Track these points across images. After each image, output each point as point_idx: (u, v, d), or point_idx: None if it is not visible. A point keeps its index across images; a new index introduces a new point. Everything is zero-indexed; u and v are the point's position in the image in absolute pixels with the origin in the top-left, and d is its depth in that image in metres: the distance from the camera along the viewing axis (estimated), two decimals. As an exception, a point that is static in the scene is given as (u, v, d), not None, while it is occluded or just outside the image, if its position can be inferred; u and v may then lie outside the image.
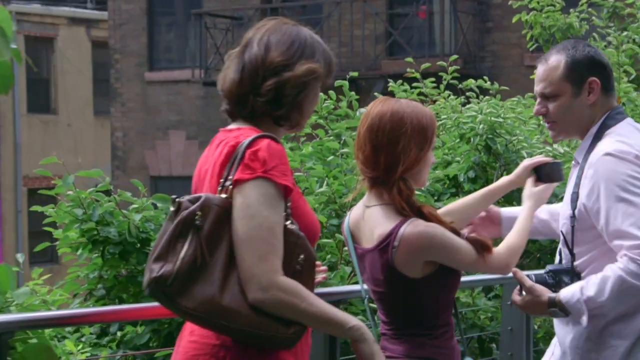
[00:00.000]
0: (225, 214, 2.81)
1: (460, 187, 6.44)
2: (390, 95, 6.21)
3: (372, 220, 3.23)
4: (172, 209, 2.81)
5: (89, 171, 5.31)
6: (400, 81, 7.33)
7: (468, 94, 7.32)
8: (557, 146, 6.43)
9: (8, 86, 3.05)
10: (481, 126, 6.28)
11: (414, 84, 7.54)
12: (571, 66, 3.39)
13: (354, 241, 3.32)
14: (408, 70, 7.75)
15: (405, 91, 7.28)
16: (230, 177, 2.84)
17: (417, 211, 3.18)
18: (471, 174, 6.34)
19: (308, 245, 2.88)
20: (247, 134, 2.89)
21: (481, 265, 3.24)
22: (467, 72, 12.75)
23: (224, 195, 2.83)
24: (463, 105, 7.13)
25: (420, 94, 7.57)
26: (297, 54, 2.96)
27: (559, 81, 3.40)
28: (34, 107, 25.82)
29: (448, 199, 6.25)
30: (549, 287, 3.35)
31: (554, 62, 3.42)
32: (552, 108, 3.42)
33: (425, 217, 3.18)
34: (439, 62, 7.63)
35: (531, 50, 9.00)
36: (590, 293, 3.22)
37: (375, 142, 3.20)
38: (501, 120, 6.27)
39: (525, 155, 6.17)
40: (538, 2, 8.43)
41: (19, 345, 3.77)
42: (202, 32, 18.34)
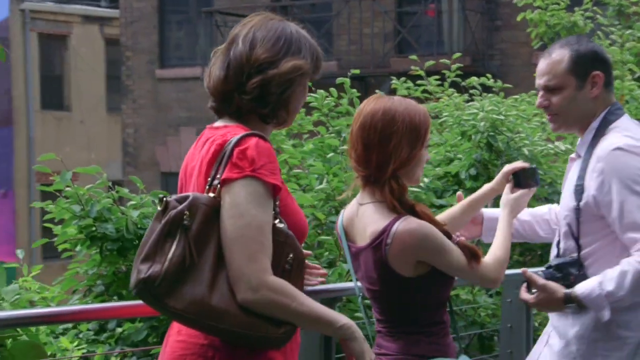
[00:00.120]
0: (213, 213, 2.75)
1: (462, 184, 6.37)
2: (392, 93, 6.17)
3: (365, 218, 3.19)
4: (159, 208, 2.75)
5: (86, 167, 5.24)
6: (404, 79, 7.27)
7: (472, 91, 7.26)
8: (559, 143, 6.37)
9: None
10: (482, 123, 6.22)
11: (418, 82, 7.49)
12: (576, 60, 3.43)
13: (347, 239, 3.28)
14: (412, 67, 7.70)
15: (408, 88, 7.23)
16: (218, 176, 2.78)
17: (410, 209, 3.14)
18: (472, 171, 6.28)
19: (297, 244, 2.83)
20: (234, 132, 2.83)
21: (469, 273, 3.18)
22: (475, 70, 12.71)
23: (212, 195, 2.77)
24: (467, 102, 7.06)
25: (425, 91, 7.52)
26: (283, 50, 2.89)
27: (563, 74, 3.42)
28: (48, 104, 25.88)
29: (450, 196, 6.20)
30: (557, 282, 3.36)
31: (558, 55, 3.44)
32: (556, 100, 3.44)
33: (418, 216, 3.13)
34: (442, 60, 7.55)
35: (536, 48, 8.92)
36: (609, 288, 3.25)
37: (367, 141, 3.15)
38: (502, 117, 6.20)
39: (527, 153, 6.14)
40: (543, 0, 8.36)
41: (9, 343, 3.73)
42: (212, 30, 18.31)
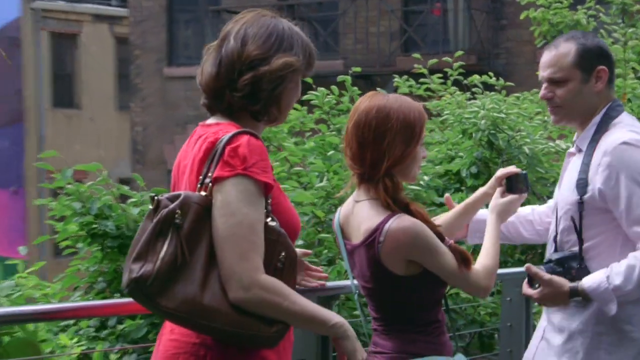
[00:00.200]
0: (205, 212, 2.71)
1: (463, 182, 6.33)
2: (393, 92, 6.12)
3: (360, 216, 3.15)
4: (150, 207, 2.71)
5: (87, 164, 5.21)
6: (406, 77, 7.23)
7: (474, 89, 7.21)
8: (560, 142, 6.32)
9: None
10: (483, 122, 6.16)
11: (421, 80, 7.45)
12: (582, 53, 3.42)
13: (344, 237, 3.24)
14: (415, 66, 7.66)
15: (410, 86, 7.19)
16: (209, 174, 2.74)
17: (404, 208, 3.09)
18: (473, 169, 6.23)
19: (289, 243, 2.79)
20: (226, 130, 2.79)
21: (458, 278, 3.11)
22: (481, 69, 12.63)
23: (204, 193, 2.73)
24: (469, 100, 7.01)
25: (428, 89, 7.48)
26: (274, 47, 2.85)
27: (569, 67, 3.42)
28: (58, 102, 25.91)
29: (452, 194, 6.15)
30: (559, 276, 3.34)
31: (564, 48, 3.44)
32: (560, 93, 3.44)
33: (412, 215, 3.08)
34: (444, 58, 7.50)
35: (539, 46, 8.84)
36: (617, 282, 3.25)
37: (361, 139, 3.11)
38: (503, 115, 6.15)
39: (527, 151, 6.09)
40: (546, -1, 8.32)
41: (5, 339, 3.70)
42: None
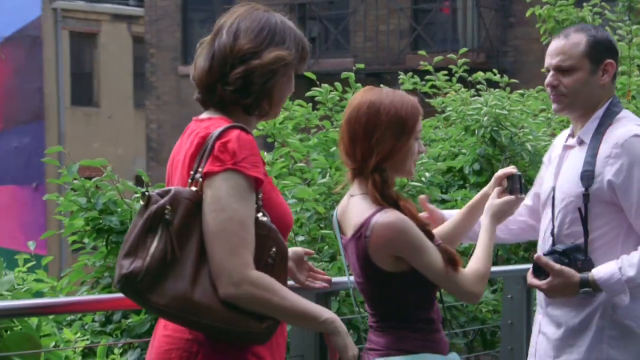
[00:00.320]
0: (195, 207, 2.65)
1: (466, 179, 6.26)
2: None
3: (352, 210, 3.11)
4: (141, 202, 2.66)
5: (92, 160, 5.17)
6: (411, 73, 7.17)
7: (478, 86, 7.14)
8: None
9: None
10: (485, 118, 6.08)
11: (427, 77, 7.39)
12: (593, 45, 3.39)
13: (340, 231, 3.20)
14: (421, 63, 7.61)
15: (415, 83, 7.13)
16: (200, 169, 2.69)
17: (393, 203, 3.03)
18: (476, 166, 6.15)
19: (280, 238, 2.73)
20: (217, 125, 2.74)
21: (444, 279, 3.03)
22: (489, 67, 12.54)
23: (194, 188, 2.68)
24: (473, 97, 6.94)
25: (433, 86, 7.42)
26: (266, 41, 2.80)
27: (579, 57, 3.37)
28: (78, 100, 25.91)
29: (456, 191, 6.10)
30: (566, 266, 3.29)
31: (575, 38, 3.39)
32: (567, 81, 3.38)
33: (401, 211, 3.01)
34: (449, 55, 7.42)
35: (545, 44, 8.76)
36: (630, 273, 3.23)
37: (353, 134, 3.07)
38: (506, 112, 6.07)
39: (530, 148, 6.01)
40: (551, -4, 8.24)
41: (5, 334, 3.65)
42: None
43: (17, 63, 23.96)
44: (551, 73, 3.41)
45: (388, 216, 2.99)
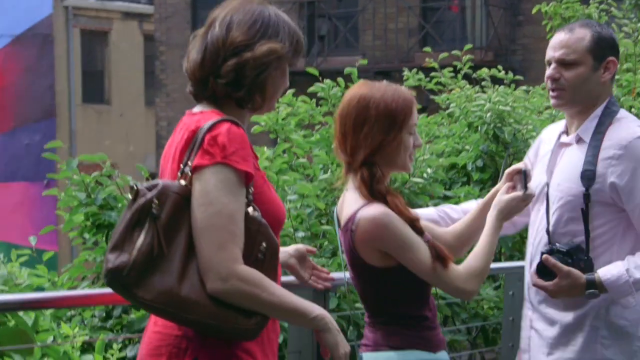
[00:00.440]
0: (184, 201, 2.61)
1: (470, 176, 6.21)
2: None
3: (345, 205, 3.09)
4: (129, 196, 2.62)
5: (91, 155, 5.13)
6: (415, 70, 7.13)
7: (483, 83, 7.08)
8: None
9: None
10: (489, 114, 6.03)
11: (432, 74, 7.36)
12: (597, 41, 3.35)
13: (339, 226, 3.17)
14: (427, 59, 7.57)
15: (420, 80, 7.09)
16: (189, 163, 2.65)
17: (381, 198, 2.99)
18: (479, 162, 6.10)
19: (270, 233, 2.68)
20: (208, 118, 2.70)
21: (431, 276, 2.98)
22: (498, 65, 12.50)
23: (183, 182, 2.63)
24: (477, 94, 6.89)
25: (439, 83, 7.38)
26: (259, 33, 2.76)
27: (583, 51, 3.34)
28: (89, 98, 25.93)
29: (459, 187, 6.05)
30: (570, 266, 3.25)
31: (580, 33, 3.36)
32: (568, 75, 3.34)
33: (388, 205, 2.98)
34: (454, 52, 7.37)
35: (551, 41, 8.68)
36: (638, 275, 3.20)
37: (344, 129, 3.05)
38: (509, 109, 6.01)
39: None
40: (557, -7, 8.16)
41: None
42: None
43: (29, 61, 23.99)
44: (553, 66, 3.37)
45: (372, 210, 2.95)
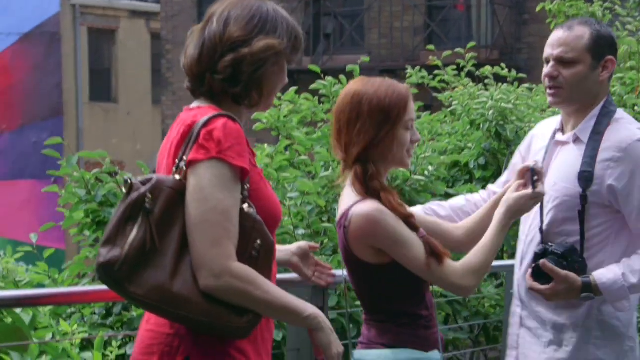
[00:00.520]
0: (178, 196, 2.58)
1: (472, 174, 6.16)
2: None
3: (341, 201, 3.06)
4: (124, 190, 2.58)
5: (91, 152, 5.10)
6: (418, 67, 7.10)
7: (486, 81, 7.05)
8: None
9: None
10: (491, 112, 5.99)
11: (435, 72, 7.32)
12: (596, 40, 3.30)
13: None
14: (430, 57, 7.54)
15: (423, 77, 7.06)
16: (184, 157, 2.61)
17: (375, 194, 2.95)
18: (481, 160, 6.06)
19: (265, 230, 2.64)
20: (205, 113, 2.67)
21: (426, 272, 2.94)
22: (503, 63, 12.49)
23: (178, 177, 2.60)
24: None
25: (442, 81, 7.35)
26: (257, 29, 2.72)
27: (582, 50, 3.29)
28: (96, 96, 25.94)
29: (462, 185, 6.00)
30: (564, 269, 3.20)
31: (579, 31, 3.30)
32: (566, 74, 3.29)
33: (381, 202, 2.94)
34: (457, 49, 7.34)
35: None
36: (633, 281, 3.17)
37: (338, 125, 3.02)
38: (511, 106, 5.97)
39: (535, 142, 5.89)
40: (562, -9, 8.11)
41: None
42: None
43: (36, 59, 23.99)
44: (551, 64, 3.32)
45: (364, 207, 2.92)
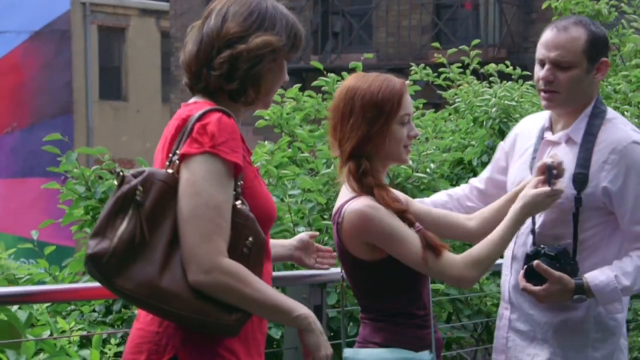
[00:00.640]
0: (170, 190, 2.53)
1: (475, 172, 6.09)
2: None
3: (338, 197, 3.01)
4: (115, 182, 2.53)
5: (91, 149, 5.06)
6: (423, 65, 7.05)
7: (491, 79, 6.99)
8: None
9: None
10: (494, 109, 5.92)
11: (441, 69, 7.28)
12: (592, 42, 3.21)
13: None
14: (435, 55, 7.50)
15: (428, 75, 7.01)
16: (178, 151, 2.56)
17: (369, 191, 2.91)
18: (485, 158, 5.99)
19: (257, 228, 2.58)
20: (200, 108, 2.62)
21: (423, 266, 2.88)
22: (510, 62, 12.43)
23: (171, 171, 2.55)
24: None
25: (447, 79, 7.30)
26: (255, 25, 2.67)
27: (579, 53, 3.20)
28: (106, 94, 25.96)
29: (465, 183, 5.92)
30: (557, 271, 3.13)
31: (575, 33, 3.20)
32: (563, 78, 3.19)
33: (375, 198, 2.89)
34: (461, 47, 7.29)
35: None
36: (626, 283, 3.13)
37: (334, 121, 2.97)
38: (515, 104, 5.90)
39: (538, 140, 5.84)
40: (567, -12, 8.05)
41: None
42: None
43: (47, 57, 24.02)
44: (547, 67, 3.21)
45: (358, 204, 2.88)
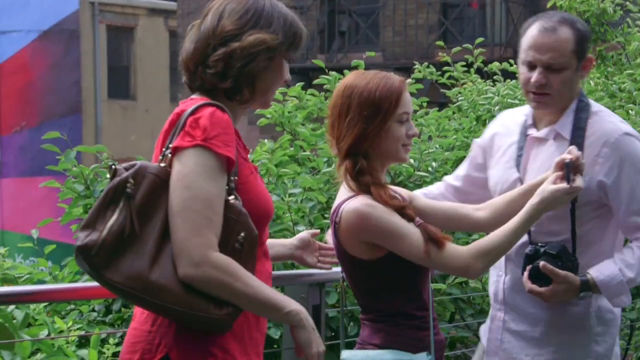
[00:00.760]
0: (162, 183, 2.51)
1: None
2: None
3: (337, 197, 2.96)
4: (108, 175, 2.53)
5: (90, 147, 5.03)
6: (426, 63, 7.00)
7: (495, 77, 6.93)
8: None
9: None
10: (497, 108, 5.87)
11: (445, 68, 7.23)
12: (579, 41, 3.14)
13: None
14: (439, 54, 7.44)
15: (431, 73, 6.96)
16: (170, 145, 2.55)
17: (366, 189, 2.86)
18: (488, 156, 5.90)
19: (250, 223, 2.54)
20: (195, 103, 2.60)
21: (426, 260, 2.83)
22: (516, 61, 12.40)
23: (163, 164, 2.53)
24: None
25: (452, 77, 7.25)
26: (250, 23, 2.64)
27: (570, 54, 3.14)
28: (114, 93, 25.97)
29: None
30: (560, 269, 3.08)
31: (564, 33, 3.12)
32: (555, 80, 3.12)
33: (372, 197, 2.84)
34: (464, 45, 7.23)
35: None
36: (631, 275, 3.10)
37: (332, 119, 2.92)
38: (517, 102, 5.84)
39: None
40: (572, -13, 7.99)
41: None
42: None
43: (55, 57, 23.97)
44: (539, 70, 3.12)
45: (354, 202, 2.83)
